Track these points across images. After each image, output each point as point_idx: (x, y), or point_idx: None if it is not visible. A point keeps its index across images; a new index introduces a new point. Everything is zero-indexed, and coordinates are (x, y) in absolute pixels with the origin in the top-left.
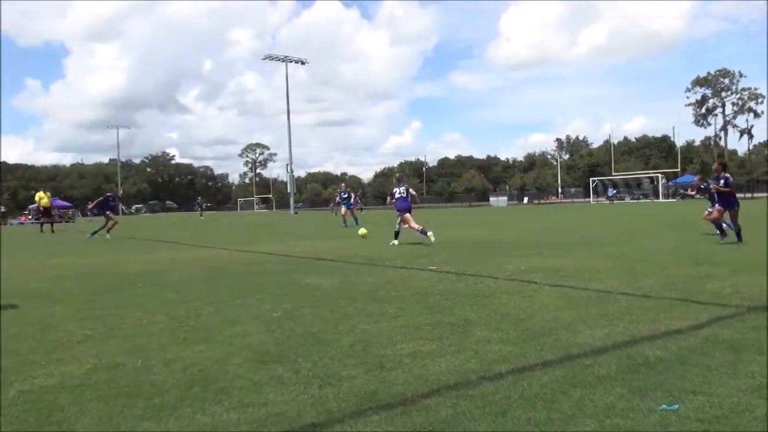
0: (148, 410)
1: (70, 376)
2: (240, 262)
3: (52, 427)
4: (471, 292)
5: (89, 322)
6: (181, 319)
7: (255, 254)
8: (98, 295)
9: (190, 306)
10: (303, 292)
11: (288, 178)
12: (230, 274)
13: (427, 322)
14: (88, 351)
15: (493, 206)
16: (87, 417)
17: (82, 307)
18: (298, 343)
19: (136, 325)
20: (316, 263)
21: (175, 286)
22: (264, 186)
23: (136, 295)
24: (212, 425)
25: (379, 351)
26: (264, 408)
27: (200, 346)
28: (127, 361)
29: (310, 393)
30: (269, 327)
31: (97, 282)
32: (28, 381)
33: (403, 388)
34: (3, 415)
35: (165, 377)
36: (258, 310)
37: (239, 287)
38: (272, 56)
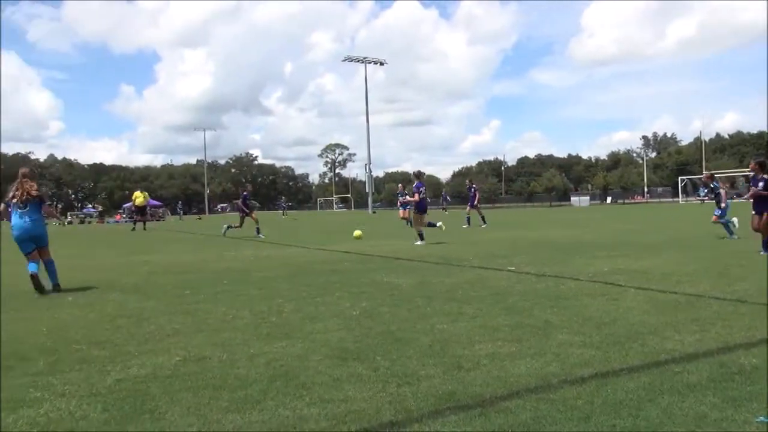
0: (233, 402)
1: (161, 367)
2: (320, 260)
3: (145, 414)
4: (551, 293)
5: (178, 317)
6: (264, 315)
7: (334, 253)
8: (187, 290)
9: (273, 302)
10: (381, 291)
11: (366, 177)
12: (311, 272)
13: (505, 324)
14: (178, 344)
15: (574, 206)
16: (177, 406)
17: (172, 302)
18: (376, 342)
19: (221, 320)
20: (394, 262)
21: (258, 283)
22: (343, 185)
23: (222, 291)
24: (293, 419)
25: (457, 351)
26: (343, 404)
27: (282, 342)
28: (213, 355)
29: (389, 391)
30: (348, 325)
31: (186, 278)
32: (124, 370)
33: (482, 389)
34: (102, 401)
35: (249, 371)
36: (337, 307)
37: (319, 285)
38: (351, 57)
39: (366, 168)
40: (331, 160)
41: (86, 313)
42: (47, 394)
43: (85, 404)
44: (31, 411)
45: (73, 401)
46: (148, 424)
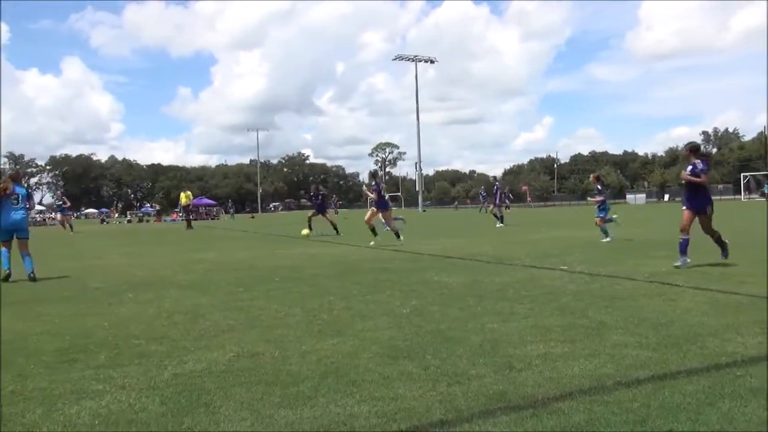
0: (285, 398)
1: (216, 363)
2: (370, 258)
3: (200, 408)
4: (606, 293)
5: (232, 313)
6: (315, 313)
7: (384, 251)
8: (240, 287)
9: (324, 300)
10: (431, 290)
11: (417, 176)
12: (361, 270)
13: (558, 324)
14: (232, 340)
15: (630, 204)
16: (231, 401)
17: (226, 298)
18: (426, 340)
19: (274, 317)
20: (444, 261)
21: (309, 281)
22: (393, 184)
23: (275, 288)
24: (344, 416)
25: (509, 351)
26: (393, 402)
27: (333, 340)
28: (266, 351)
29: (439, 390)
30: (398, 323)
31: (239, 276)
32: (180, 365)
33: (533, 390)
34: (159, 394)
35: (300, 368)
36: (388, 306)
37: (369, 283)
38: (402, 56)
39: (416, 166)
40: (382, 158)
41: (145, 309)
42: (108, 387)
43: (144, 397)
44: (93, 402)
45: (133, 394)
46: (203, 417)
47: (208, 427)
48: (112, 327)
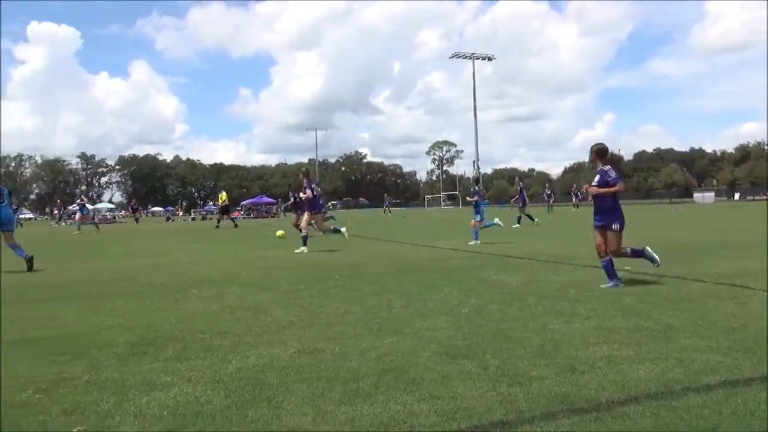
0: (345, 395)
1: (278, 358)
2: (428, 257)
3: (263, 402)
4: (672, 295)
5: (293, 310)
6: (374, 311)
7: (442, 250)
8: (301, 285)
9: (383, 298)
10: (490, 289)
11: (474, 174)
12: (419, 268)
13: (622, 326)
14: (293, 336)
15: (697, 203)
16: (292, 396)
17: (287, 295)
18: (486, 340)
19: (334, 315)
20: (502, 260)
21: (368, 279)
22: (450, 183)
23: (334, 286)
24: (403, 414)
25: (571, 353)
26: (453, 401)
27: (392, 338)
28: (326, 348)
29: (499, 390)
30: (457, 322)
31: (299, 273)
32: (243, 359)
33: (597, 393)
34: (224, 388)
35: (360, 365)
36: (446, 305)
37: (428, 282)
38: (459, 54)
39: (474, 165)
40: (439, 157)
41: (210, 305)
42: (176, 379)
43: (209, 390)
44: (161, 394)
45: (199, 387)
46: (266, 411)
47: (271, 421)
48: (178, 322)
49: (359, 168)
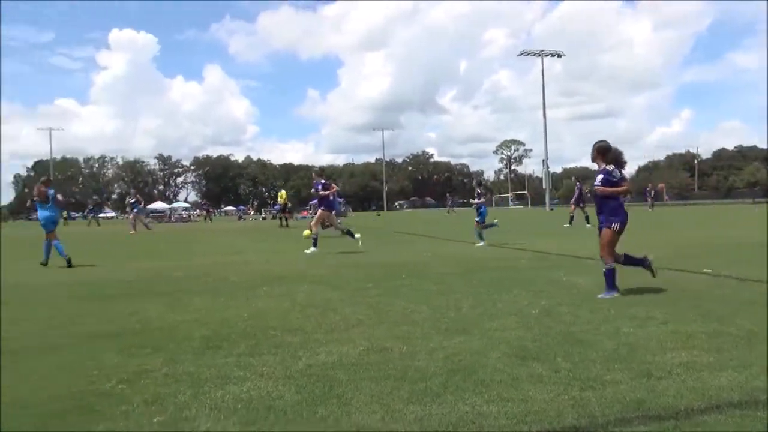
0: (414, 394)
1: (347, 356)
2: (495, 257)
3: (333, 399)
4: (757, 300)
5: (361, 308)
6: (442, 310)
7: (511, 250)
8: (369, 283)
9: (450, 298)
10: (561, 290)
11: (543, 174)
12: (487, 268)
13: (702, 331)
14: (361, 334)
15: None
16: (361, 394)
17: (355, 294)
18: (556, 342)
19: (401, 314)
20: (573, 261)
21: (435, 279)
22: (519, 182)
23: (402, 285)
24: (472, 415)
25: (647, 357)
26: (523, 404)
27: (460, 338)
28: (394, 346)
29: (571, 394)
30: (527, 323)
31: (367, 272)
32: (313, 356)
33: (675, 401)
34: (294, 383)
35: (428, 364)
36: (515, 305)
37: (495, 282)
38: (527, 51)
39: (543, 164)
40: (507, 156)
41: (280, 303)
42: (248, 374)
43: (280, 385)
44: (235, 388)
45: (270, 382)
46: (336, 408)
47: (341, 418)
48: (250, 318)
49: (426, 168)
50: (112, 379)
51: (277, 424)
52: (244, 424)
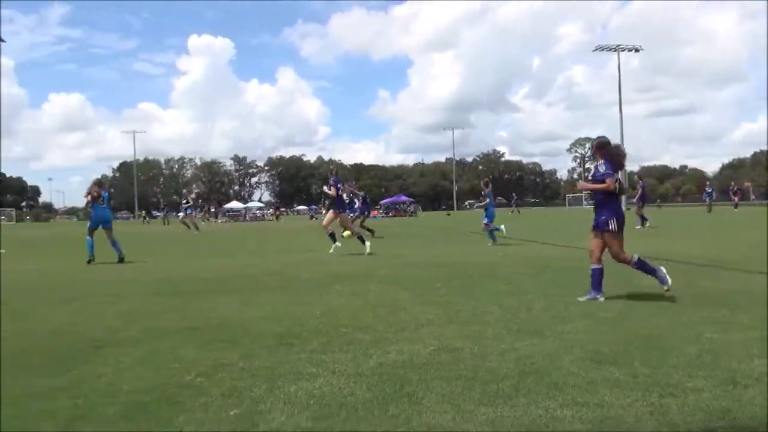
0: (485, 395)
1: (417, 355)
2: (568, 258)
3: (404, 398)
4: None
5: (431, 308)
6: (513, 311)
7: (581, 251)
8: (438, 283)
9: (522, 299)
10: (638, 293)
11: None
12: (560, 269)
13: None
14: (431, 334)
15: None
16: (432, 393)
17: (425, 293)
18: (634, 346)
19: (472, 314)
20: (654, 263)
21: (506, 279)
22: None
23: (472, 285)
24: (546, 419)
25: (731, 365)
26: (599, 409)
27: (533, 339)
28: (464, 347)
29: (649, 401)
30: (601, 326)
31: (436, 271)
32: (384, 355)
33: (763, 410)
34: (366, 381)
35: (499, 365)
36: (589, 307)
37: (568, 283)
38: (603, 47)
39: None
40: (581, 154)
41: (351, 301)
42: (321, 370)
43: (352, 382)
44: (308, 384)
45: (342, 379)
46: (407, 407)
47: (411, 417)
48: (322, 316)
49: (497, 167)
50: (191, 372)
51: (348, 421)
52: (316, 420)
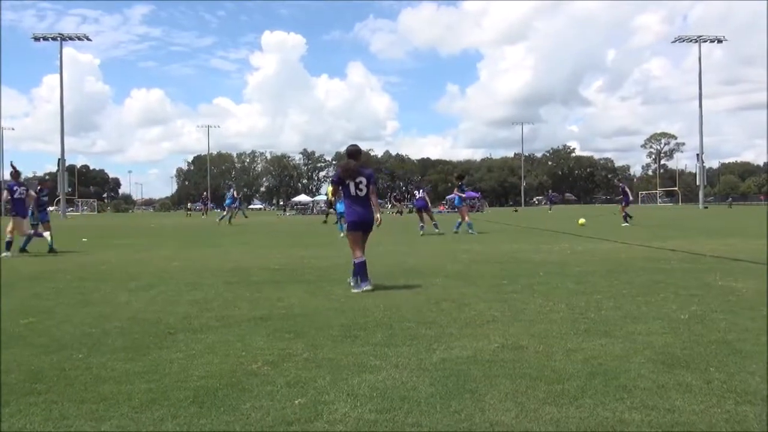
0: (550, 395)
1: (481, 351)
2: (641, 257)
3: (466, 394)
4: None
5: (496, 305)
6: (581, 311)
7: (658, 250)
8: (504, 280)
9: (591, 298)
10: (715, 295)
11: (697, 169)
12: (631, 269)
13: None
14: (496, 331)
15: None
16: (495, 391)
17: (490, 290)
18: (709, 351)
19: (538, 312)
20: (730, 263)
21: (575, 277)
22: (669, 178)
23: (539, 283)
24: (613, 421)
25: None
26: (669, 414)
27: (601, 340)
28: (530, 345)
29: (725, 408)
30: (675, 329)
31: (503, 268)
32: (447, 350)
33: None
34: (429, 376)
35: (565, 365)
36: (662, 309)
37: (641, 283)
38: (683, 38)
39: (697, 158)
40: (656, 150)
41: (415, 295)
42: (384, 364)
43: (414, 377)
44: (371, 376)
45: (405, 372)
46: (469, 403)
47: (474, 414)
48: (386, 309)
49: (567, 162)
50: (258, 360)
51: (410, 415)
52: (378, 412)
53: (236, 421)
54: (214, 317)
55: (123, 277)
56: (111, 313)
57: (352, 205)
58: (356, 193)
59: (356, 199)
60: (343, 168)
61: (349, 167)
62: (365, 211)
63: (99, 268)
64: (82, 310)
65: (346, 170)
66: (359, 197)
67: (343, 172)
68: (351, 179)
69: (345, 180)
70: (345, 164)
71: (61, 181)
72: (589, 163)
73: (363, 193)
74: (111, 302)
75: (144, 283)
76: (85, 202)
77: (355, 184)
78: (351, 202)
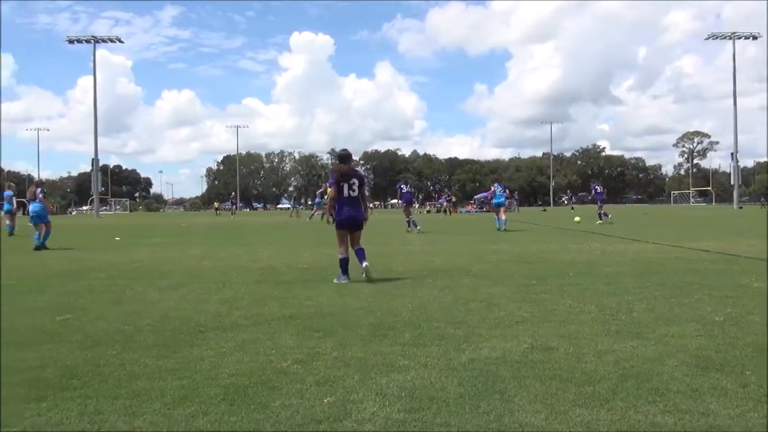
0: (580, 397)
1: (510, 352)
2: (673, 258)
3: (495, 395)
4: None
5: (526, 305)
6: (612, 312)
7: (691, 251)
8: (533, 280)
9: (622, 299)
10: (751, 297)
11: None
12: (664, 270)
13: None
14: (525, 331)
15: None
16: (524, 392)
17: (520, 290)
18: (745, 354)
19: (568, 312)
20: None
21: (606, 278)
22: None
23: (569, 283)
24: (645, 424)
25: None
26: (703, 418)
27: (632, 342)
28: (560, 346)
29: (761, 412)
30: (709, 331)
31: (532, 268)
32: (476, 351)
33: None
34: (457, 376)
35: (596, 367)
36: (696, 311)
37: (673, 285)
38: (716, 35)
39: (732, 157)
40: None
41: (444, 295)
42: (412, 363)
43: (443, 377)
44: (399, 376)
45: (434, 372)
46: (498, 404)
47: (503, 415)
48: (414, 309)
49: (596, 162)
50: (287, 358)
51: (439, 415)
52: (407, 412)
53: (266, 419)
54: (244, 316)
55: (154, 275)
56: (143, 311)
57: (343, 205)
58: (349, 193)
59: (348, 200)
60: (338, 171)
61: (343, 170)
62: (355, 210)
63: (131, 266)
64: (115, 308)
65: (342, 173)
66: (351, 197)
67: (339, 175)
68: (345, 181)
69: (340, 182)
70: (339, 167)
71: (95, 181)
72: (619, 162)
73: (355, 194)
74: (143, 300)
75: (174, 281)
76: (118, 202)
77: (348, 185)
78: (342, 202)
